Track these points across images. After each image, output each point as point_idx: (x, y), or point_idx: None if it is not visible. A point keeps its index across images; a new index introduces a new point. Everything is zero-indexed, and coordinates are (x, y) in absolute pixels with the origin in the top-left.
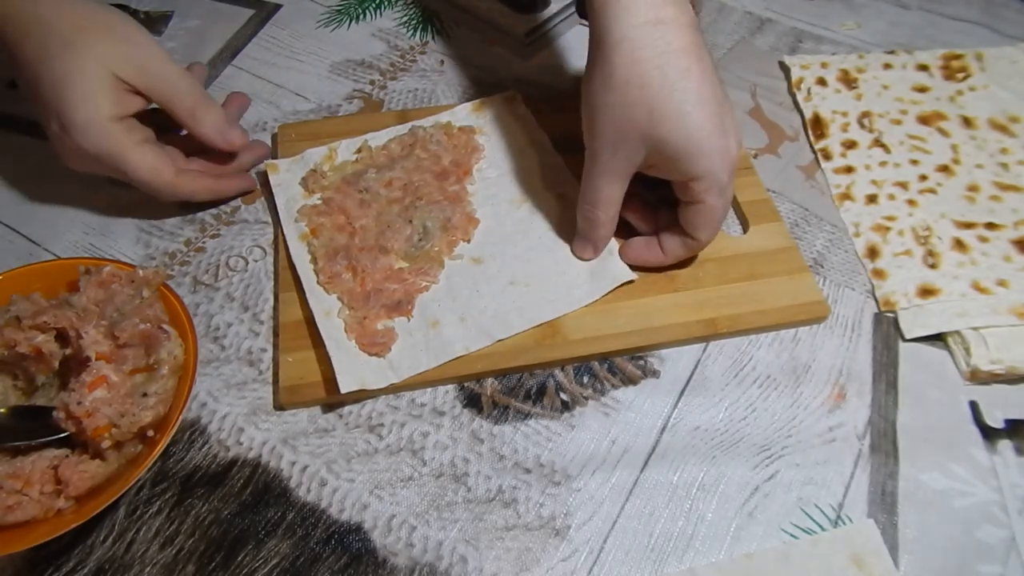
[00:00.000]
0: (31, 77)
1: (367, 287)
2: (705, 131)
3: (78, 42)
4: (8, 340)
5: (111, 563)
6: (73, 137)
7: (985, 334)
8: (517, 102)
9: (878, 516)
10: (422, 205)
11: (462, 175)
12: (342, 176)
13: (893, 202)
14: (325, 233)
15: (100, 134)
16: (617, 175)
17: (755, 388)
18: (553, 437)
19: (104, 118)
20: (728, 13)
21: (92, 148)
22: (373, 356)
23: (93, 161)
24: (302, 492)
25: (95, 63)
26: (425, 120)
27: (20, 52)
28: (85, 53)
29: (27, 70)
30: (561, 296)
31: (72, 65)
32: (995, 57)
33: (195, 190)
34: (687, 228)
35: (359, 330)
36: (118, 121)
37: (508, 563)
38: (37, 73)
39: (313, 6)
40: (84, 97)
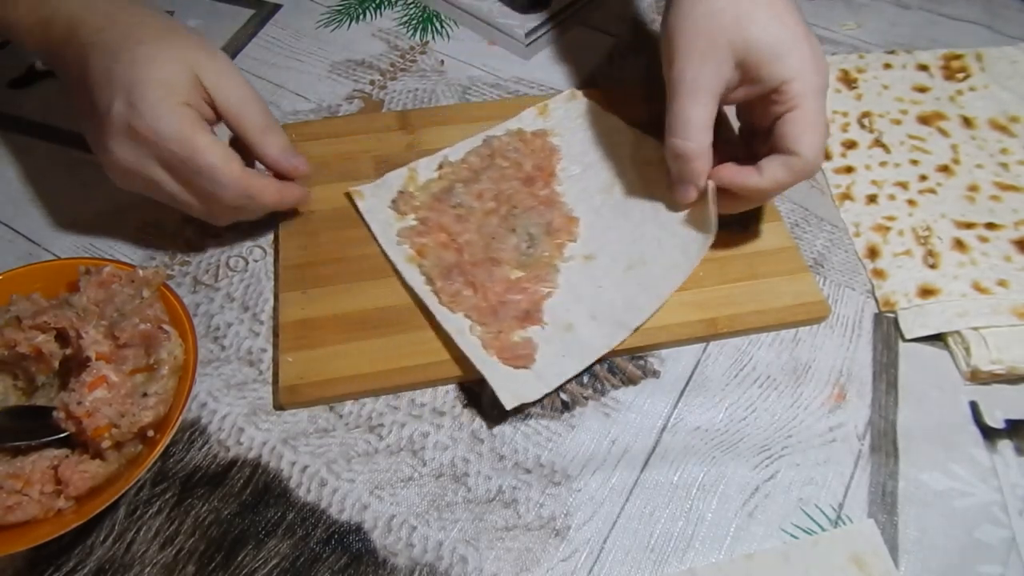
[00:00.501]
0: (102, 63)
1: (491, 301)
2: (793, 31)
3: (166, 38)
4: (8, 340)
5: (111, 563)
6: (142, 115)
7: (985, 334)
8: (579, 98)
9: (878, 516)
10: (519, 212)
11: (547, 178)
12: (431, 194)
13: (893, 202)
14: (431, 253)
15: (174, 113)
16: (705, 92)
17: (755, 388)
18: (553, 437)
19: (180, 101)
20: None
21: (163, 127)
22: (519, 368)
23: (152, 150)
24: (302, 492)
25: (180, 59)
26: (496, 129)
27: (94, 43)
28: (171, 47)
29: (100, 57)
30: (679, 260)
31: (157, 52)
32: (995, 57)
33: (263, 186)
34: (788, 143)
35: (498, 345)
36: (191, 108)
37: (508, 563)
38: (115, 55)
39: (313, 6)
40: (164, 80)
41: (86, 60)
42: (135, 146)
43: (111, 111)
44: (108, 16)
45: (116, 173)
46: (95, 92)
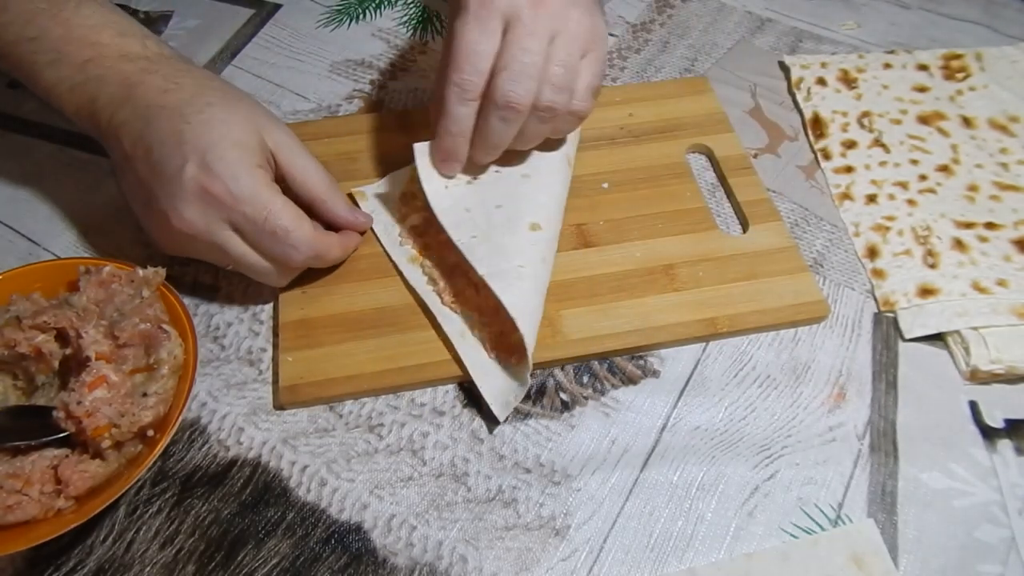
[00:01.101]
0: (170, 125)
1: (494, 300)
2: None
3: (232, 101)
4: (8, 340)
5: (111, 563)
6: (219, 176)
7: (985, 334)
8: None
9: (878, 516)
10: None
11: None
12: None
13: (893, 202)
14: (434, 253)
15: (251, 175)
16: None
17: (755, 388)
18: (553, 437)
19: (255, 163)
20: (728, 13)
21: (240, 188)
22: (518, 365)
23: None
24: (302, 492)
25: (249, 120)
26: None
27: (160, 104)
28: (240, 109)
29: (167, 119)
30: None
31: (228, 114)
32: (995, 57)
33: (331, 244)
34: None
35: (501, 344)
36: (264, 170)
37: (508, 563)
38: (185, 117)
39: (313, 6)
40: (239, 142)
41: (149, 122)
42: (206, 209)
43: (183, 173)
44: (169, 78)
45: (178, 238)
46: (162, 154)
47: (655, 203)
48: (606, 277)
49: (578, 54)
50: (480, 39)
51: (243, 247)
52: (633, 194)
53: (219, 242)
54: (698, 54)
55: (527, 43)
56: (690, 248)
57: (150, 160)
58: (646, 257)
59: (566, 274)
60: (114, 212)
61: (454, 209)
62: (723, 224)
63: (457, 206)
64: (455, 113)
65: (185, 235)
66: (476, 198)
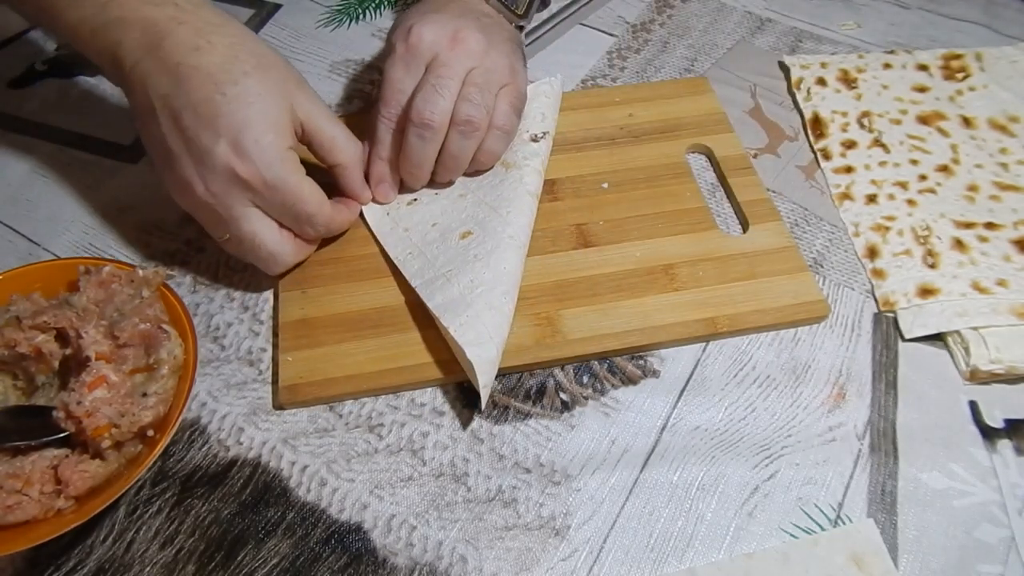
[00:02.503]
0: (203, 92)
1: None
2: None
3: (265, 68)
4: (8, 340)
5: (111, 563)
6: (252, 162)
7: (985, 334)
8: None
9: (878, 516)
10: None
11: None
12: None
13: (893, 202)
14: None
15: (283, 162)
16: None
17: (755, 388)
18: (553, 437)
19: (286, 147)
20: (728, 13)
21: (271, 176)
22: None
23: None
24: (302, 492)
25: (281, 93)
26: None
27: (192, 65)
28: (272, 78)
29: (200, 84)
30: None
31: (263, 88)
32: (995, 57)
33: (344, 220)
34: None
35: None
36: (293, 151)
37: (508, 563)
38: (219, 86)
39: (313, 6)
40: (272, 124)
41: (179, 83)
42: (232, 188)
43: (215, 150)
44: (202, 33)
45: (192, 200)
46: (194, 124)
47: (655, 203)
48: (606, 277)
49: (495, 84)
50: (404, 76)
51: (255, 225)
52: (633, 194)
53: (235, 216)
54: (698, 54)
55: (442, 71)
56: (690, 248)
57: (180, 125)
58: (646, 257)
59: (566, 274)
60: (114, 212)
61: (394, 231)
62: (723, 224)
63: (397, 227)
64: (382, 140)
65: (202, 202)
66: (414, 219)
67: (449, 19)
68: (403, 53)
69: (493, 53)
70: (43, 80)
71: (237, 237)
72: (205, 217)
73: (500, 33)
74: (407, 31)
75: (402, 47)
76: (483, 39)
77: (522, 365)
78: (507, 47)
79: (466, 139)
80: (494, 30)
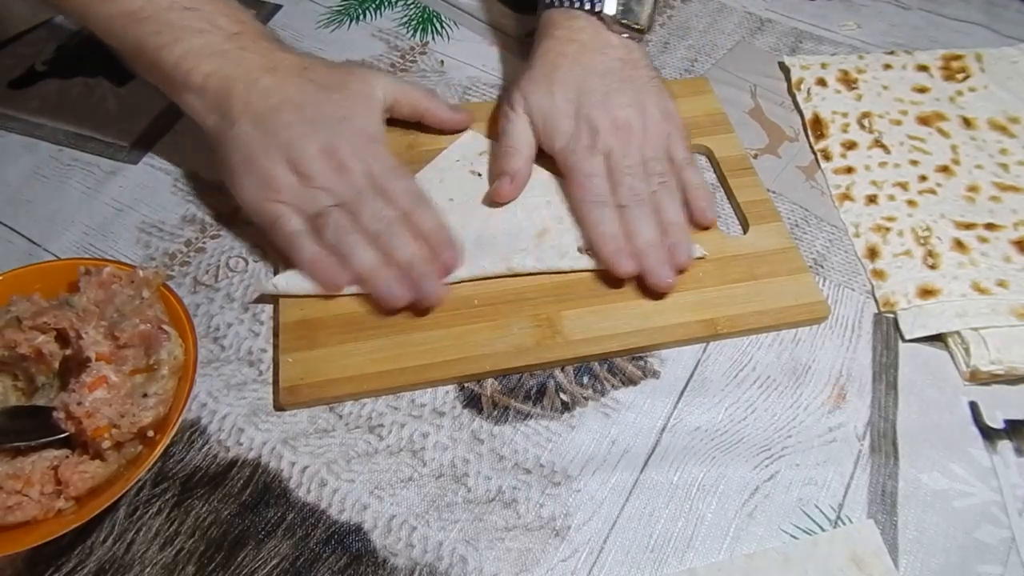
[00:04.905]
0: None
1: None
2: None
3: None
4: (8, 341)
5: (111, 563)
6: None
7: (985, 335)
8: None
9: (878, 516)
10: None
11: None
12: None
13: (893, 202)
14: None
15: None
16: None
17: (755, 388)
18: (553, 438)
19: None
20: (728, 13)
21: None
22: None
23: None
24: (302, 492)
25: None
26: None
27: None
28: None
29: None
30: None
31: (361, 85)
32: (995, 58)
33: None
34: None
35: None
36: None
37: (508, 563)
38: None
39: (313, 7)
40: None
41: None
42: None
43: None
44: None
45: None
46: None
47: None
48: (606, 277)
49: (663, 139)
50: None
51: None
52: None
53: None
54: (698, 55)
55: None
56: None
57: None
58: None
59: (566, 274)
60: (114, 212)
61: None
62: (723, 224)
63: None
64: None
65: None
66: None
67: (601, 99)
68: (586, 148)
69: (649, 120)
70: (43, 80)
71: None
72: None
73: (639, 79)
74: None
75: (582, 143)
76: (637, 115)
77: (522, 366)
78: (653, 94)
79: (667, 191)
80: (635, 80)
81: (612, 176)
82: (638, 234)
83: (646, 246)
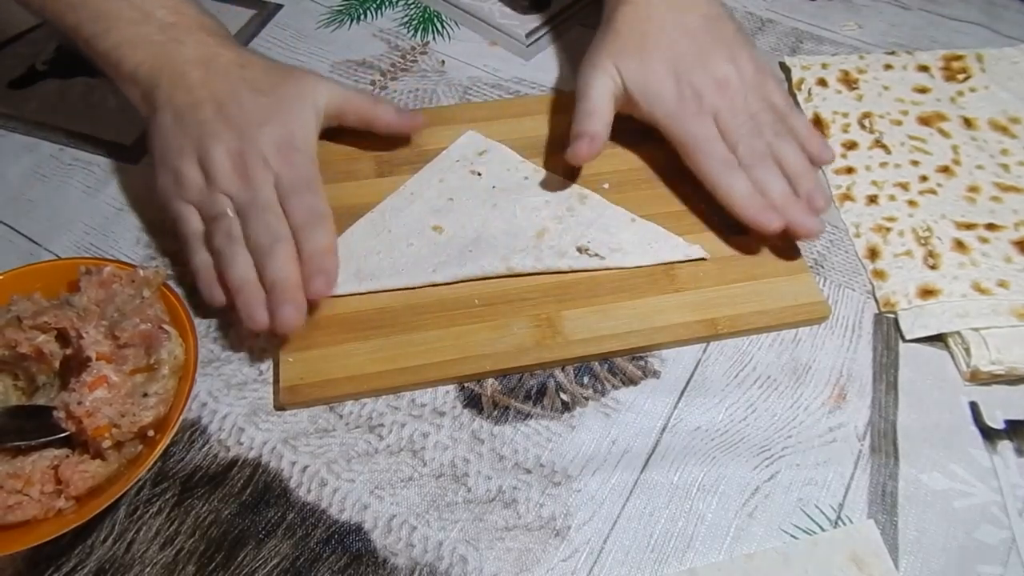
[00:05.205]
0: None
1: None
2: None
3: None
4: (9, 340)
5: (111, 563)
6: (289, 158)
7: (985, 335)
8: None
9: (878, 517)
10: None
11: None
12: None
13: (893, 203)
14: None
15: (312, 158)
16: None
17: (755, 389)
18: (553, 438)
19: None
20: None
21: (302, 171)
22: None
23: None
24: (302, 492)
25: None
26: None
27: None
28: (302, 80)
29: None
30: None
31: (297, 90)
32: (995, 58)
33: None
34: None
35: None
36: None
37: (508, 563)
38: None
39: (314, 6)
40: (306, 122)
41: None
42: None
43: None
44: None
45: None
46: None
47: (655, 203)
48: (607, 278)
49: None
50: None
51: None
52: (634, 194)
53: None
54: None
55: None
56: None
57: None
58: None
59: (566, 274)
60: (114, 212)
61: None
62: (723, 225)
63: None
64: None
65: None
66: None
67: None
68: (695, 114)
69: (746, 75)
70: (43, 80)
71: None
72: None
73: (727, 33)
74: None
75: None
76: (735, 71)
77: (523, 366)
78: (744, 47)
79: (783, 141)
80: (724, 35)
81: (726, 137)
82: (770, 190)
83: (783, 199)
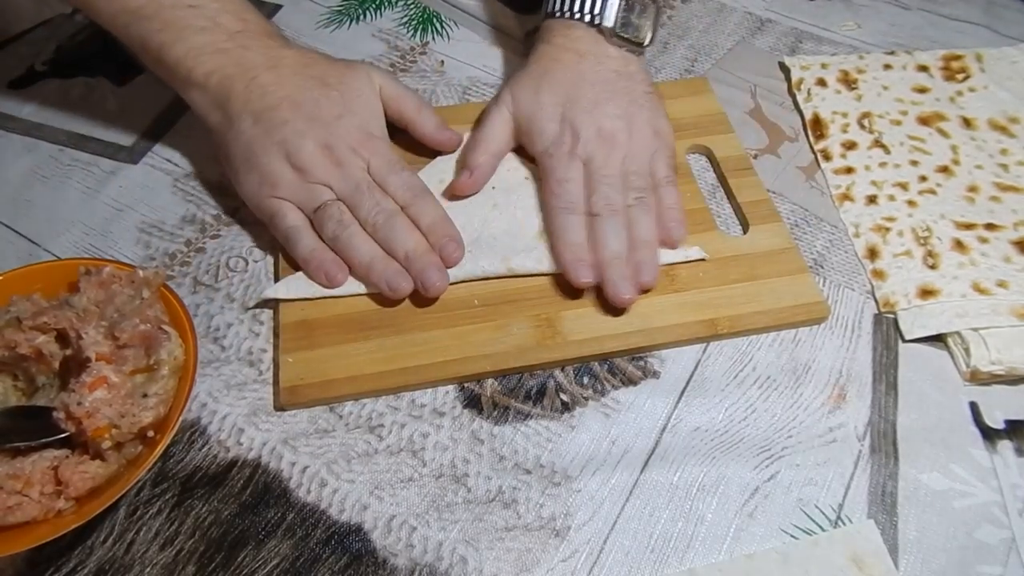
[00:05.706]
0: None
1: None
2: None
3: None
4: (8, 341)
5: (111, 564)
6: (371, 144)
7: (985, 335)
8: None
9: (878, 517)
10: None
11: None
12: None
13: (893, 203)
14: None
15: (389, 143)
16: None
17: (755, 389)
18: (553, 438)
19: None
20: (728, 13)
21: (386, 154)
22: None
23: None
24: (302, 493)
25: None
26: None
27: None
28: (363, 72)
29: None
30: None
31: (362, 82)
32: (995, 58)
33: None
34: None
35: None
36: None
37: (508, 564)
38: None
39: (313, 7)
40: (376, 110)
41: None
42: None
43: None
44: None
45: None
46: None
47: None
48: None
49: (648, 157)
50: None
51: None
52: None
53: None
54: (698, 55)
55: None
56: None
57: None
58: None
59: None
60: (114, 212)
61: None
62: (723, 225)
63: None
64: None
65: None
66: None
67: (589, 106)
68: (566, 154)
69: (636, 134)
70: (43, 80)
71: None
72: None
73: (634, 92)
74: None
75: (563, 148)
76: (624, 127)
77: (522, 366)
78: (645, 109)
79: (642, 208)
80: (628, 93)
81: (589, 184)
82: (605, 245)
83: (611, 258)
